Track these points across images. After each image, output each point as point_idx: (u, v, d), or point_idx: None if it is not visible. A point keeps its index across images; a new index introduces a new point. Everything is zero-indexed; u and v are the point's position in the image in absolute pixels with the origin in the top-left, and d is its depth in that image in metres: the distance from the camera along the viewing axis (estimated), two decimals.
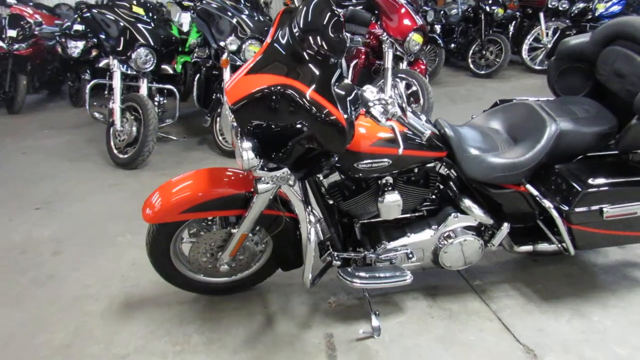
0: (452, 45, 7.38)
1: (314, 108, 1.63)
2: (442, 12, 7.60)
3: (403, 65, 4.53)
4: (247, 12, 4.41)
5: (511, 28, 7.13)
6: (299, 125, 1.68)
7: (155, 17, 4.75)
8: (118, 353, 2.12)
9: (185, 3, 4.86)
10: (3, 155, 4.61)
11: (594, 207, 2.08)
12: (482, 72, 6.90)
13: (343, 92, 1.70)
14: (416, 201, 2.26)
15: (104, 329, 2.27)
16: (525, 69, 7.13)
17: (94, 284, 2.59)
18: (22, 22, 6.17)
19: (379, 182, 2.15)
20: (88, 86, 4.46)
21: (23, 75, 6.06)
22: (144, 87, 4.32)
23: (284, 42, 1.86)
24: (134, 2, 4.60)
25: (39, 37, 6.28)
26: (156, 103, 4.49)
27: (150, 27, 4.31)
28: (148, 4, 5.04)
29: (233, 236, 2.16)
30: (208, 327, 2.26)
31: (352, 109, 1.71)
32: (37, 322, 2.31)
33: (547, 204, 2.13)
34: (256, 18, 4.45)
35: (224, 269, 2.23)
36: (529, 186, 2.16)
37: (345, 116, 1.66)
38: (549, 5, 6.78)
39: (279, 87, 1.70)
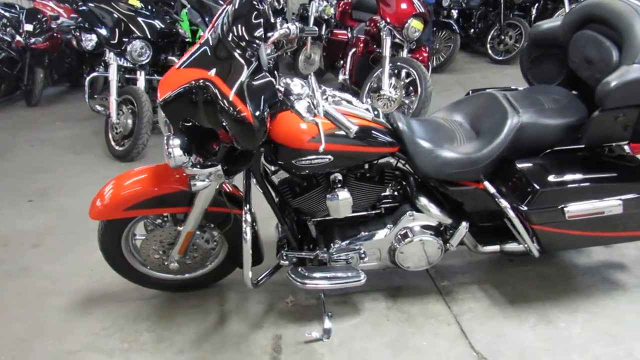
0: (472, 30, 7.10)
1: (225, 104, 1.56)
2: None
3: (403, 53, 4.37)
4: None
5: (533, 11, 6.77)
6: (215, 121, 1.62)
7: (153, 9, 4.74)
8: (68, 349, 2.12)
9: None
10: (11, 147, 4.73)
11: (554, 207, 1.93)
12: (501, 57, 6.61)
13: (258, 87, 1.62)
14: (371, 198, 2.16)
15: (60, 324, 2.28)
16: None
17: (62, 278, 2.61)
18: (38, 16, 6.30)
19: (329, 178, 2.06)
20: (87, 79, 4.51)
21: (40, 68, 6.21)
22: (141, 80, 4.32)
23: (214, 34, 1.80)
24: None
25: (55, 31, 6.41)
26: None
27: (146, 19, 4.30)
28: None
29: (180, 234, 2.12)
30: (160, 324, 2.24)
31: (266, 105, 1.63)
32: (1, 315, 2.35)
33: (503, 203, 1.99)
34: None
35: (174, 266, 2.20)
36: (486, 183, 2.02)
37: (257, 113, 1.58)
38: None
39: (200, 82, 1.64)
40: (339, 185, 2.04)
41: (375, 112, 2.05)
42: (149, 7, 4.63)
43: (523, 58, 2.35)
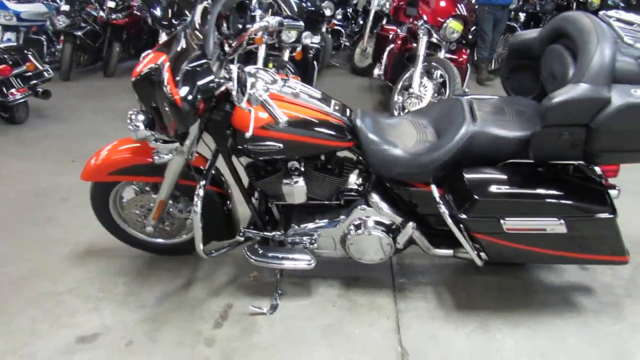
0: None
1: (163, 86, 1.74)
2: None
3: (441, 54, 4.34)
4: None
5: None
6: (160, 101, 1.81)
7: None
8: (55, 290, 2.43)
9: None
10: (76, 112, 5.25)
11: (492, 218, 1.94)
12: None
13: (193, 74, 1.77)
14: (330, 189, 2.26)
15: (58, 269, 2.60)
16: None
17: (74, 230, 2.94)
18: None
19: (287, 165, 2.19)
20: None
21: (118, 42, 6.77)
22: None
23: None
24: None
25: (134, 9, 6.95)
26: None
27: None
28: None
29: (155, 201, 2.35)
30: (136, 281, 2.50)
31: (199, 91, 1.78)
32: (14, 255, 2.71)
33: (442, 209, 2.02)
34: (296, 0, 4.54)
35: (150, 230, 2.42)
36: (433, 187, 2.06)
37: (189, 97, 1.73)
38: None
39: (157, 65, 1.84)
40: (296, 173, 2.17)
41: (336, 108, 2.15)
42: None
43: (502, 67, 2.33)
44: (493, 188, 1.92)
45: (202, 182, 2.11)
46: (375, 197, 2.19)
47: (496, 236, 2.00)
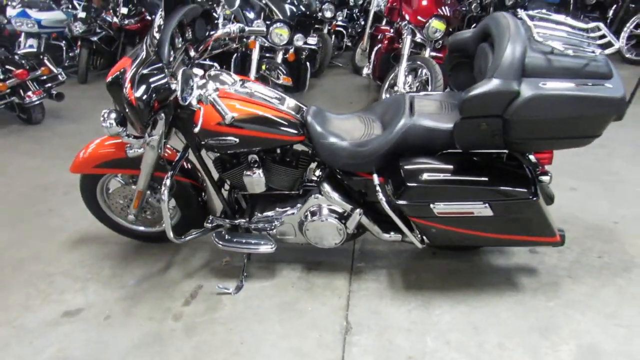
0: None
1: (123, 87, 1.98)
2: None
3: (425, 53, 4.50)
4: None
5: (610, 12, 6.37)
6: (122, 101, 2.05)
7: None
8: (49, 271, 2.72)
9: None
10: (88, 114, 5.58)
11: (423, 202, 2.12)
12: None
13: (148, 76, 2.00)
14: (289, 179, 2.47)
15: (53, 253, 2.89)
16: (621, 60, 6.36)
17: (72, 220, 3.24)
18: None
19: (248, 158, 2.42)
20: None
21: (131, 47, 7.13)
22: None
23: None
24: None
25: (145, 14, 7.29)
26: None
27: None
28: None
29: (134, 192, 2.61)
30: (120, 264, 2.76)
31: (153, 91, 2.00)
32: (18, 241, 3.02)
33: (380, 195, 2.21)
34: (289, 3, 4.77)
35: (131, 218, 2.68)
36: (375, 176, 2.26)
37: (144, 97, 1.96)
38: None
39: (122, 69, 2.09)
40: (255, 165, 2.40)
41: (290, 105, 2.36)
42: None
43: (446, 65, 2.51)
44: (423, 175, 2.11)
45: (170, 173, 2.35)
46: (326, 187, 2.39)
47: (430, 220, 2.18)
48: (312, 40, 5.71)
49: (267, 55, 4.83)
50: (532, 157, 2.27)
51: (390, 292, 2.43)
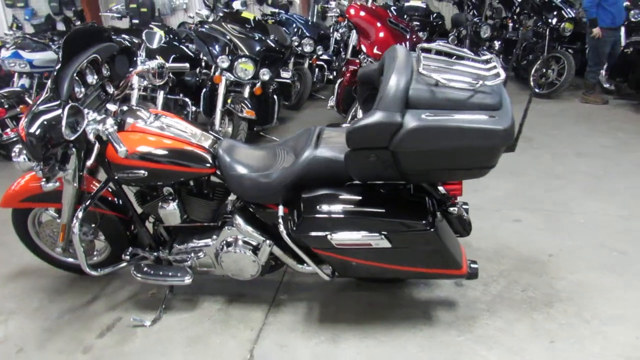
0: (524, 62, 6.88)
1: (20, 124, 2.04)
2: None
3: None
4: (245, 34, 4.88)
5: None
6: None
7: (175, 37, 5.51)
8: None
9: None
10: None
11: (320, 234, 2.12)
12: (542, 91, 6.35)
13: (40, 112, 2.04)
14: (206, 211, 2.49)
15: None
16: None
17: (18, 253, 3.24)
18: None
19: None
20: None
21: None
22: (159, 99, 5.02)
23: None
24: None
25: None
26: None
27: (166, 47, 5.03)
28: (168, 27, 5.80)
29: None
30: (50, 297, 2.79)
31: (44, 126, 2.04)
32: None
33: (281, 227, 2.22)
34: (256, 39, 4.90)
35: (58, 251, 2.71)
36: (280, 207, 2.27)
37: (32, 131, 2.00)
38: (631, 19, 5.98)
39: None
40: (170, 198, 2.43)
41: (202, 138, 2.41)
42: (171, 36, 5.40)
43: (358, 97, 2.53)
44: (320, 206, 2.11)
45: (83, 205, 2.39)
46: (238, 219, 2.41)
47: (331, 251, 2.17)
48: (286, 74, 5.83)
49: (236, 89, 4.93)
50: (441, 189, 2.26)
51: (303, 325, 2.40)
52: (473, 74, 1.99)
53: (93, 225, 2.69)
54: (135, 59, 4.33)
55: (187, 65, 2.72)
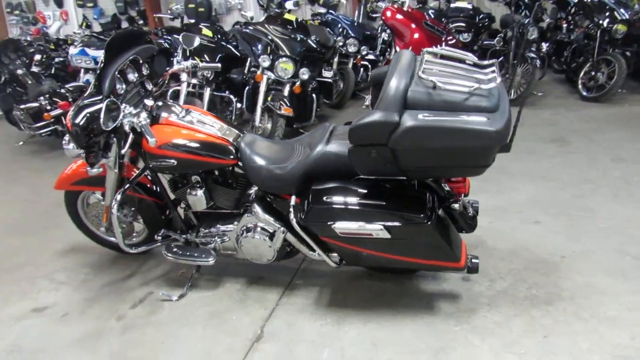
0: (574, 64, 6.75)
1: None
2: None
3: None
4: (287, 35, 5.12)
5: None
6: None
7: (223, 37, 5.84)
8: (36, 274, 3.13)
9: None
10: None
11: (325, 222, 2.29)
12: (590, 94, 6.21)
13: (85, 105, 2.33)
14: (228, 198, 2.73)
15: (45, 260, 3.31)
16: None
17: (71, 232, 3.61)
18: None
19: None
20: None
21: None
22: (206, 95, 5.33)
23: None
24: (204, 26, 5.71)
25: None
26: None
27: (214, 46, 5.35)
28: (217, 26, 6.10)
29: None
30: (94, 272, 3.12)
31: (88, 117, 2.32)
32: (20, 248, 3.48)
33: (291, 215, 2.41)
34: (296, 40, 5.13)
35: (102, 230, 3.05)
36: (293, 197, 2.46)
37: (77, 122, 2.28)
38: None
39: None
40: (198, 185, 2.68)
41: (227, 132, 2.64)
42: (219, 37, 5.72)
43: (372, 99, 2.69)
44: (326, 197, 2.30)
45: (121, 189, 2.68)
46: (256, 207, 2.63)
47: (336, 239, 2.34)
48: (328, 73, 6.03)
49: (276, 87, 5.18)
50: (445, 186, 2.40)
51: (313, 308, 2.59)
52: (472, 77, 2.11)
53: (132, 209, 3.00)
54: (172, 59, 4.65)
55: (219, 65, 2.97)
